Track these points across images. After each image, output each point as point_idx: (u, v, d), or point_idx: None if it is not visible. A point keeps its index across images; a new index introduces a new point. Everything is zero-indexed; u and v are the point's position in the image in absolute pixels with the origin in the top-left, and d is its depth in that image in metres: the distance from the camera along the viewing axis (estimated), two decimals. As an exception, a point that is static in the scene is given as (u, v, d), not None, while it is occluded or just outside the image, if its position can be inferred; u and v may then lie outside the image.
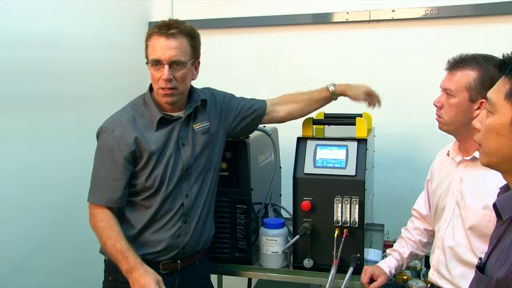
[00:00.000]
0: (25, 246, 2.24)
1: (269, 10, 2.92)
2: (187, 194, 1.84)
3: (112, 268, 1.78)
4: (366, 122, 2.09)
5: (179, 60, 1.75)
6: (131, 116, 1.80)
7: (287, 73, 2.93)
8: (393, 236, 2.35)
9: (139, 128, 1.78)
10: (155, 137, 1.79)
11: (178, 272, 1.86)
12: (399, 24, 2.72)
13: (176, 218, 1.82)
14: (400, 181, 2.72)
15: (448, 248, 1.70)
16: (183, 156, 1.82)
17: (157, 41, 1.74)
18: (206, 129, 1.90)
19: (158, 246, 1.80)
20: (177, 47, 1.74)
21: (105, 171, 1.76)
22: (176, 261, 1.85)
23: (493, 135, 1.09)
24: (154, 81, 1.77)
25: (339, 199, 1.95)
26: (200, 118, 1.90)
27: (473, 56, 1.69)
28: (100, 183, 1.77)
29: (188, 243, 1.85)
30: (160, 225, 1.81)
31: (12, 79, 2.14)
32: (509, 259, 1.02)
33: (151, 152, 1.76)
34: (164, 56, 1.72)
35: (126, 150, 1.74)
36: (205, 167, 1.89)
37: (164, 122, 1.81)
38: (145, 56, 1.80)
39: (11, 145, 2.16)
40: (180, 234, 1.83)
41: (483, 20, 2.58)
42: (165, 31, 1.73)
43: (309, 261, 2.00)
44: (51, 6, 2.34)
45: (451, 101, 1.69)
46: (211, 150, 1.92)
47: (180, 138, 1.82)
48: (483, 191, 1.60)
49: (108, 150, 1.75)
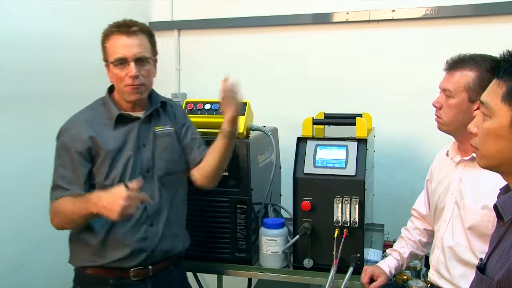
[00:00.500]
0: (25, 246, 2.24)
1: (269, 10, 2.92)
2: (150, 196, 1.79)
3: (80, 278, 1.81)
4: (366, 122, 2.08)
5: (144, 56, 1.76)
6: (89, 116, 1.81)
7: (287, 73, 2.93)
8: (393, 236, 2.35)
9: (96, 127, 1.77)
10: (113, 136, 1.78)
11: (150, 278, 1.82)
12: (399, 24, 2.72)
13: (142, 221, 1.78)
14: (400, 181, 2.72)
15: (448, 248, 1.70)
16: (143, 157, 1.81)
17: (118, 40, 1.74)
18: (168, 132, 1.89)
19: (125, 250, 1.75)
20: (140, 44, 1.76)
21: (64, 169, 1.75)
22: (147, 267, 1.80)
23: (492, 138, 1.09)
24: (119, 80, 1.76)
25: (339, 199, 1.95)
26: (163, 122, 1.89)
27: (472, 56, 1.69)
28: (60, 183, 1.74)
29: (157, 247, 1.81)
30: (126, 229, 1.76)
31: (12, 79, 2.15)
32: (510, 260, 1.02)
33: (108, 150, 1.75)
34: (130, 53, 1.73)
35: (81, 147, 1.73)
36: (167, 170, 1.85)
37: (123, 121, 1.80)
38: (104, 58, 1.79)
39: (11, 145, 2.16)
40: (148, 237, 1.79)
41: (483, 20, 2.58)
42: (126, 29, 1.74)
43: (309, 261, 2.00)
44: (51, 6, 2.35)
45: (450, 102, 1.69)
46: (175, 154, 1.89)
47: (140, 139, 1.81)
48: (482, 191, 1.60)
49: (65, 149, 1.75)
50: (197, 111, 2.18)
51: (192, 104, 2.22)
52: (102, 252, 1.76)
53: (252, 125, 2.21)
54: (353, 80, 2.81)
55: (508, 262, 1.02)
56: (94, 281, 1.79)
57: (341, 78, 2.84)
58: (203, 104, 2.20)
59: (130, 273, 1.78)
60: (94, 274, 1.78)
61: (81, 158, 1.74)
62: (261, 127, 2.24)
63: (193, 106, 2.21)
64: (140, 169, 1.79)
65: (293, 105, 2.87)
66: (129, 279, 1.78)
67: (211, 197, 2.09)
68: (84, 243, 1.78)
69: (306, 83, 2.90)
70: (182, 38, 3.11)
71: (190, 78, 3.11)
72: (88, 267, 1.79)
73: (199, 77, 3.10)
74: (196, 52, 3.08)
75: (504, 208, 1.09)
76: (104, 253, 1.76)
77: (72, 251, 1.83)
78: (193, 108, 2.19)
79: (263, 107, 2.51)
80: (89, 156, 1.75)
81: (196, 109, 2.19)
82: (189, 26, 3.08)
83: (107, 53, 1.77)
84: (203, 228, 2.11)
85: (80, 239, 1.79)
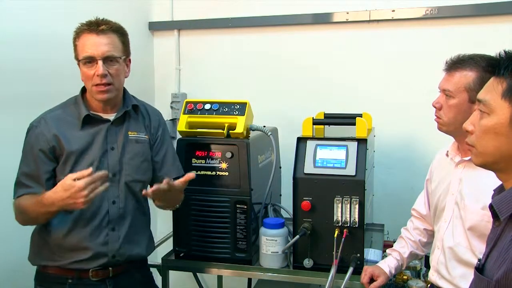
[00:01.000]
0: (25, 246, 2.23)
1: (269, 10, 2.92)
2: (114, 200, 1.79)
3: (40, 277, 1.81)
4: (366, 122, 2.08)
5: (112, 56, 1.75)
6: (57, 114, 1.80)
7: (287, 73, 2.93)
8: (393, 236, 2.35)
9: (62, 126, 1.77)
10: (78, 136, 1.77)
11: (110, 279, 1.80)
12: (399, 24, 2.72)
13: (104, 224, 1.78)
14: (400, 181, 2.73)
15: (448, 249, 1.70)
16: (110, 161, 1.79)
17: (87, 39, 1.74)
18: (142, 140, 1.87)
19: (86, 253, 1.75)
20: (109, 43, 1.75)
21: (27, 167, 1.75)
22: (107, 268, 1.79)
23: (490, 135, 1.09)
24: (88, 79, 1.75)
25: (339, 199, 1.95)
26: (137, 127, 1.87)
27: (471, 56, 1.69)
28: (22, 180, 1.75)
29: (118, 251, 1.79)
30: (87, 232, 1.75)
31: (12, 79, 2.14)
32: (508, 259, 1.02)
33: (70, 151, 1.74)
34: (97, 52, 1.72)
35: (44, 145, 1.74)
36: (136, 177, 1.83)
37: (91, 122, 1.79)
38: (75, 56, 1.79)
39: (11, 145, 2.16)
40: (108, 241, 1.78)
41: (483, 20, 2.58)
42: (95, 27, 1.74)
43: (309, 261, 2.00)
44: (51, 6, 2.35)
45: (451, 102, 1.68)
46: (145, 162, 1.87)
47: (108, 142, 1.79)
48: (483, 191, 1.60)
49: (30, 147, 1.76)
50: (197, 111, 2.18)
51: (192, 104, 2.21)
52: (61, 253, 1.76)
53: (252, 125, 2.21)
54: (353, 80, 2.81)
55: (506, 261, 1.03)
56: (53, 280, 1.78)
57: (341, 78, 2.84)
58: (203, 104, 2.20)
59: (89, 273, 1.77)
60: (53, 273, 1.78)
61: (44, 157, 1.74)
62: (261, 127, 2.24)
63: (193, 106, 2.20)
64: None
65: (293, 105, 2.87)
66: (89, 279, 1.77)
67: (211, 197, 2.09)
68: (43, 242, 1.78)
69: (306, 83, 2.90)
70: (182, 38, 3.11)
71: (190, 78, 3.11)
72: (47, 266, 1.79)
73: (199, 77, 3.10)
74: (196, 52, 3.08)
75: (500, 207, 1.09)
76: (63, 254, 1.75)
77: (32, 249, 1.83)
78: (193, 108, 2.19)
79: (263, 107, 2.52)
80: (52, 155, 1.75)
81: (196, 109, 2.18)
82: (189, 26, 3.08)
83: (77, 51, 1.77)
84: (203, 228, 2.11)
85: (41, 238, 1.79)
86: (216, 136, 2.13)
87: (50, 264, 1.78)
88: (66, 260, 1.75)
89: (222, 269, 2.13)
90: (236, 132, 2.10)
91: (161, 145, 1.93)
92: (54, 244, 1.76)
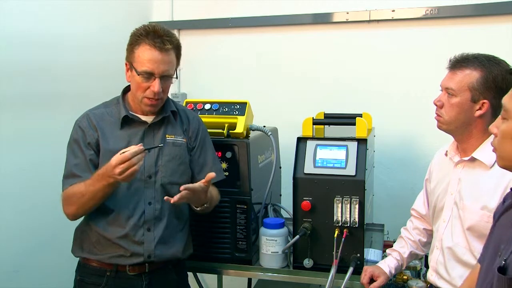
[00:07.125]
0: (25, 246, 2.24)
1: (269, 10, 2.92)
2: (150, 202, 1.81)
3: (81, 268, 1.84)
4: (366, 122, 2.08)
5: (170, 74, 1.79)
6: (100, 112, 1.84)
7: (287, 73, 2.94)
8: (393, 236, 2.35)
9: (103, 124, 1.81)
10: (117, 135, 1.80)
11: (147, 274, 1.83)
12: (399, 24, 2.72)
13: (139, 224, 1.79)
14: (400, 181, 2.73)
15: (447, 249, 1.70)
16: (146, 162, 1.80)
17: (149, 53, 1.73)
18: (180, 143, 1.88)
19: (123, 251, 1.78)
20: (169, 62, 1.77)
21: (75, 158, 1.78)
22: (143, 264, 1.82)
23: (508, 140, 1.10)
24: (140, 90, 1.77)
25: (339, 199, 1.95)
26: (175, 131, 1.89)
27: (476, 56, 1.68)
28: (74, 170, 1.77)
29: (154, 252, 1.81)
30: (124, 231, 1.78)
31: (12, 79, 2.15)
32: None
33: (107, 149, 1.77)
34: (158, 70, 1.74)
35: (90, 139, 1.78)
36: (172, 179, 1.84)
37: (129, 123, 1.82)
38: (128, 59, 1.79)
39: (11, 145, 2.16)
40: (144, 241, 1.80)
41: (483, 20, 2.58)
42: (160, 45, 1.73)
43: (309, 261, 2.00)
44: (51, 6, 2.34)
45: (453, 101, 1.67)
46: (182, 165, 1.88)
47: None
48: (482, 191, 1.60)
49: (75, 141, 1.80)
50: (197, 111, 2.18)
51: (192, 104, 2.22)
52: (101, 247, 1.79)
53: (252, 125, 2.21)
54: (353, 80, 2.82)
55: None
56: (93, 272, 1.82)
57: (341, 78, 2.84)
58: (203, 104, 2.20)
59: (126, 267, 1.81)
60: (93, 265, 1.82)
61: (91, 148, 1.78)
62: (261, 127, 2.24)
63: (193, 106, 2.21)
64: (141, 173, 1.78)
65: (293, 105, 2.87)
66: (126, 273, 1.80)
67: (211, 197, 2.09)
68: (85, 236, 1.83)
69: (306, 83, 2.90)
70: (182, 38, 3.10)
71: (190, 78, 3.11)
72: (87, 259, 1.83)
73: (199, 77, 3.10)
74: (196, 52, 3.07)
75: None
76: (102, 248, 1.79)
77: (74, 242, 1.87)
78: (193, 108, 2.20)
79: (263, 107, 2.52)
80: (97, 148, 1.79)
81: (196, 109, 2.19)
82: (189, 26, 3.08)
83: (134, 58, 1.76)
84: (203, 228, 2.11)
85: (83, 232, 1.84)
86: (216, 136, 2.13)
87: (91, 257, 1.81)
88: (105, 254, 1.79)
89: (222, 269, 2.13)
90: (236, 132, 2.10)
91: (201, 149, 1.94)
92: (95, 239, 1.80)
